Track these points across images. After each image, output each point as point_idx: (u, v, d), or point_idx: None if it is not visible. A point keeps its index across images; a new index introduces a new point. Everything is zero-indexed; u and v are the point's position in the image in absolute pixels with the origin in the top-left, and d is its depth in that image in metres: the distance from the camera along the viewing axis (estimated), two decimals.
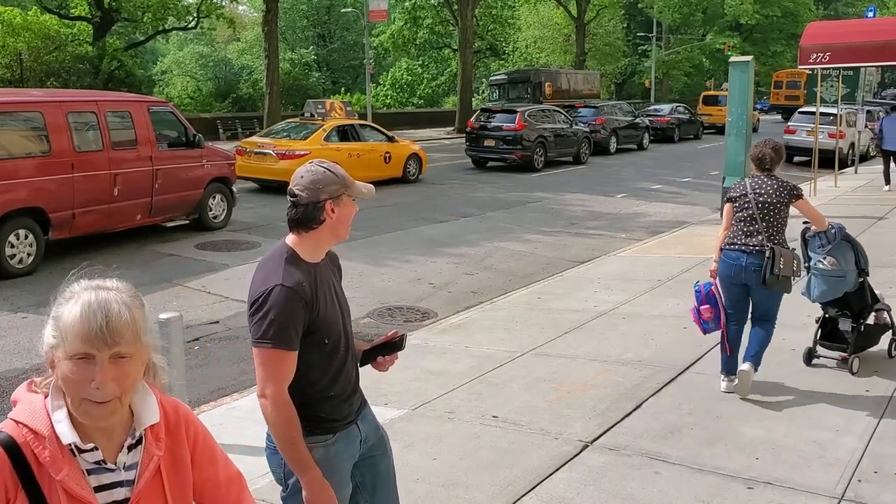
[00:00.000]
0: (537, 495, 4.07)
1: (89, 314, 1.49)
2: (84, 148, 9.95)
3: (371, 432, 2.66)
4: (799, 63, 15.03)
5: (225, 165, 12.52)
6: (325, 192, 2.42)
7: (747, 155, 13.12)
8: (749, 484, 4.10)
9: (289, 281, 2.34)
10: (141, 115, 10.93)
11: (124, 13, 29.47)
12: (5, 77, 25.88)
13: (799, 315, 7.19)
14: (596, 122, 25.78)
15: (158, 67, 58.02)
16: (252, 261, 10.13)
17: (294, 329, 2.33)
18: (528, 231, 12.61)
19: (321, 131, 16.31)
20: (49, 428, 1.50)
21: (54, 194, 9.52)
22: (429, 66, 56.32)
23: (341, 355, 2.51)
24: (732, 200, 5.50)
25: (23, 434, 1.49)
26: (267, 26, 26.44)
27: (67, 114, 9.79)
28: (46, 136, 9.51)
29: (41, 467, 1.48)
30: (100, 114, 10.24)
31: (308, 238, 2.46)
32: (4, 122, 9.31)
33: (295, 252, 2.45)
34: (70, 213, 9.73)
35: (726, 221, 5.51)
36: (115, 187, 10.27)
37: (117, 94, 13.97)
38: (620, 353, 6.28)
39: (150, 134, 10.96)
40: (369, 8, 35.15)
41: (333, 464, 2.47)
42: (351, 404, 2.57)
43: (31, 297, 8.15)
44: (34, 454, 1.48)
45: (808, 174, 16.81)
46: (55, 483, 1.48)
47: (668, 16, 55.65)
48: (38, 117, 9.54)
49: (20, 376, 6.08)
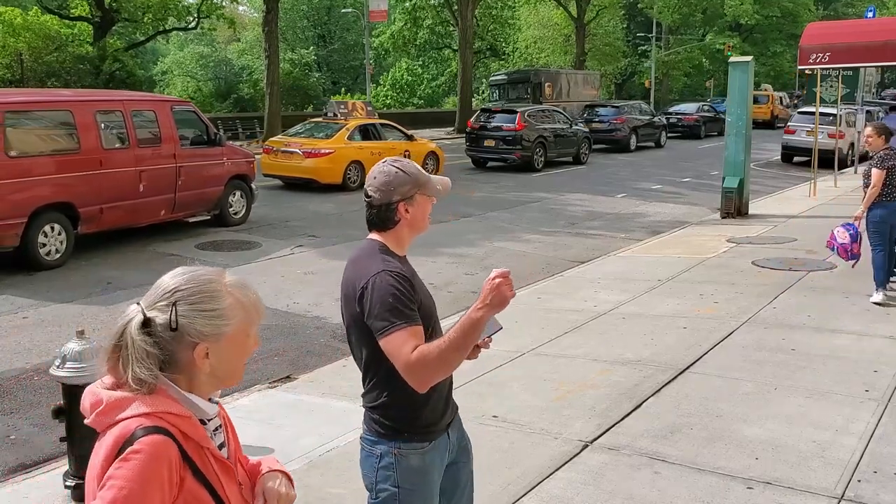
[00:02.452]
0: (537, 495, 4.08)
1: (256, 296, 1.69)
2: (111, 146, 10.38)
3: (457, 439, 2.56)
4: (799, 63, 15.03)
5: (244, 163, 12.85)
6: (397, 194, 2.38)
7: (747, 154, 13.27)
8: (749, 484, 4.11)
9: (389, 266, 2.31)
10: (165, 114, 11.34)
11: (125, 13, 29.46)
12: (6, 77, 25.87)
13: (799, 316, 7.21)
14: (617, 121, 26.94)
15: (159, 68, 58.05)
16: (252, 261, 10.15)
17: (409, 307, 2.25)
18: (528, 231, 12.62)
19: (345, 130, 16.92)
20: (185, 409, 1.58)
21: (83, 190, 9.88)
22: (429, 66, 56.37)
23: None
24: (891, 169, 7.40)
25: (166, 420, 1.54)
26: (267, 26, 26.46)
27: (96, 113, 10.22)
28: (76, 134, 9.92)
29: (188, 442, 1.56)
30: (126, 113, 10.66)
31: (388, 235, 2.43)
32: (37, 120, 9.82)
33: (385, 244, 2.42)
34: (98, 208, 10.08)
35: (878, 182, 7.36)
36: (141, 184, 10.65)
37: (142, 94, 14.46)
38: (620, 353, 6.29)
39: (174, 132, 11.35)
40: (369, 8, 35.20)
41: (427, 473, 2.39)
42: (448, 404, 2.49)
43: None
44: (183, 434, 1.55)
45: (807, 174, 16.82)
46: (205, 453, 1.59)
47: (667, 16, 55.64)
48: (68, 116, 9.97)
49: (20, 376, 6.09)
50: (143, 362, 1.54)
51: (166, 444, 1.50)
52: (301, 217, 13.50)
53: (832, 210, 13.15)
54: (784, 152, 23.11)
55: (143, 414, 1.53)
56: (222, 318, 1.60)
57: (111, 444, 1.51)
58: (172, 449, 1.51)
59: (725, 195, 13.21)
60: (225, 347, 1.61)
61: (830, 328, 6.80)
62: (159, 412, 1.54)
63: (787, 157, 22.95)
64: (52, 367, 4.08)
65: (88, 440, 4.73)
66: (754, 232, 11.70)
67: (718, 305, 7.62)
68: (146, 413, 1.53)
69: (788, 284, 8.31)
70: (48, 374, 4.34)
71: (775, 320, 7.06)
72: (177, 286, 1.60)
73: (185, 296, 1.59)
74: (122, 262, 9.92)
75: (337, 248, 10.75)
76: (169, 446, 1.50)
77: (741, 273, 8.98)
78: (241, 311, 1.63)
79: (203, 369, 1.60)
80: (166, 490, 1.49)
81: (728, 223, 12.69)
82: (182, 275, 1.63)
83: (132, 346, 1.55)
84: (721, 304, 7.67)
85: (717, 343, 6.45)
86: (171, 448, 1.51)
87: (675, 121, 33.48)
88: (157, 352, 1.56)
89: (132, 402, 1.54)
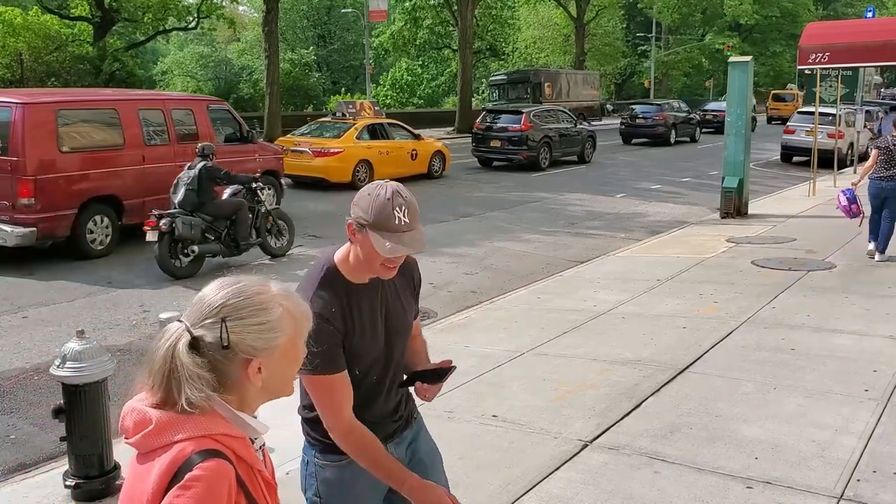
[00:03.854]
0: (537, 495, 4.08)
1: (306, 307, 1.64)
2: (153, 142, 11.11)
3: (406, 455, 2.43)
4: (798, 63, 15.05)
5: (274, 159, 13.76)
6: None
7: (747, 154, 13.27)
8: (748, 483, 4.11)
9: (316, 305, 2.14)
10: (201, 112, 12.11)
11: (125, 13, 29.43)
12: (6, 77, 25.85)
13: (799, 316, 7.21)
14: (658, 117, 29.27)
15: (159, 68, 58.06)
16: (252, 261, 10.15)
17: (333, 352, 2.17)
18: (528, 231, 12.62)
19: (353, 130, 17.25)
20: (238, 430, 1.51)
21: (127, 184, 10.58)
22: (429, 66, 56.34)
23: (372, 386, 2.31)
24: (880, 148, 9.18)
25: (220, 442, 1.46)
26: (267, 26, 26.44)
27: (139, 111, 10.96)
28: (121, 131, 10.66)
29: (241, 464, 1.48)
30: (166, 111, 11.43)
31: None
32: (87, 118, 10.50)
33: (336, 268, 2.23)
34: (141, 200, 10.57)
35: (872, 161, 9.27)
36: None
37: (181, 94, 16.67)
38: (620, 353, 6.29)
39: (210, 129, 12.08)
40: (369, 8, 35.19)
41: (348, 486, 2.31)
42: (384, 420, 2.36)
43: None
44: (237, 456, 1.48)
45: (807, 174, 16.83)
46: (255, 475, 1.52)
47: (667, 16, 55.70)
48: (113, 115, 10.69)
49: (20, 376, 6.09)
50: (195, 384, 1.45)
51: (226, 468, 1.43)
52: (301, 217, 13.49)
53: (832, 210, 13.14)
54: (783, 152, 23.11)
55: (199, 436, 1.44)
56: (274, 331, 1.51)
57: (165, 469, 1.41)
58: (231, 473, 1.43)
59: (725, 195, 13.21)
60: (277, 360, 1.53)
61: (830, 328, 6.81)
62: (215, 434, 1.45)
63: (787, 156, 22.96)
64: (52, 366, 4.08)
65: (88, 440, 4.71)
66: (754, 232, 11.70)
67: (718, 305, 7.62)
68: (202, 436, 1.44)
69: (788, 284, 8.31)
70: (48, 374, 4.35)
71: (775, 320, 7.07)
72: (224, 301, 1.50)
73: (233, 310, 1.49)
74: (122, 262, 9.92)
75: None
76: (228, 471, 1.43)
77: (741, 273, 8.98)
78: (292, 321, 1.55)
79: (255, 385, 1.52)
80: None
81: (728, 223, 12.70)
82: (227, 287, 1.53)
83: (182, 369, 1.45)
84: (721, 303, 7.67)
85: (717, 343, 6.45)
86: (230, 472, 1.43)
87: (710, 117, 34.59)
88: (208, 375, 1.47)
89: (185, 424, 1.45)
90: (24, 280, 8.97)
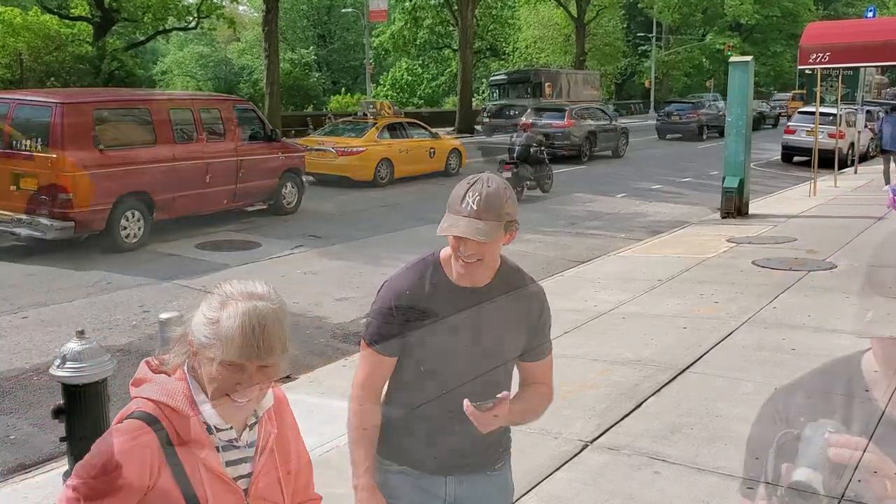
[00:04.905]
0: (537, 495, 4.07)
1: (248, 330, 1.54)
2: (182, 140, 11.46)
3: (461, 496, 2.28)
4: (799, 63, 15.04)
5: (296, 158, 14.09)
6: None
7: (747, 154, 13.25)
8: (749, 484, 4.10)
9: (395, 281, 2.20)
10: (228, 111, 12.48)
11: (124, 13, 29.43)
12: (5, 77, 25.83)
13: (799, 316, 7.21)
14: (692, 115, 32.15)
15: (159, 67, 58.04)
16: (252, 261, 10.12)
17: (385, 332, 2.15)
18: (528, 231, 12.59)
19: (374, 129, 17.81)
20: (190, 407, 1.59)
21: (158, 180, 10.85)
22: (429, 66, 56.27)
23: (435, 392, 2.19)
24: None
25: (163, 412, 1.57)
26: (267, 26, 26.41)
27: (169, 110, 11.33)
28: (153, 129, 11.00)
29: (182, 443, 1.56)
30: (194, 110, 11.78)
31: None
32: (120, 117, 10.95)
33: (438, 260, 2.20)
34: (171, 196, 11.00)
35: None
36: (207, 175, 11.65)
37: (209, 94, 17.42)
38: (620, 353, 6.28)
39: (236, 128, 12.47)
40: (369, 8, 35.19)
41: (389, 492, 2.26)
42: (436, 458, 2.24)
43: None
44: (176, 431, 1.56)
45: (807, 174, 16.82)
46: (197, 459, 1.58)
47: (667, 16, 55.68)
48: (145, 114, 11.10)
49: (20, 376, 6.09)
50: (177, 349, 1.65)
51: (142, 433, 1.54)
52: (301, 216, 13.50)
53: (832, 210, 13.17)
54: (784, 152, 23.10)
55: (147, 399, 1.59)
56: (206, 333, 1.60)
57: (117, 418, 1.61)
58: (148, 439, 1.54)
59: (725, 195, 13.20)
60: (202, 360, 1.61)
61: (830, 328, 6.79)
62: (160, 401, 1.58)
63: (787, 156, 22.95)
64: (52, 367, 4.07)
65: (88, 440, 4.70)
66: (754, 232, 11.69)
67: (718, 305, 7.61)
68: (149, 399, 1.59)
69: (788, 284, 8.30)
70: (48, 374, 4.34)
71: (775, 320, 7.06)
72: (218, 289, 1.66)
73: (207, 300, 1.64)
74: (122, 262, 9.92)
75: (337, 249, 10.75)
76: (144, 436, 1.54)
77: (741, 273, 8.97)
78: (215, 334, 1.57)
79: (202, 375, 1.62)
80: (134, 473, 1.53)
81: (728, 223, 12.68)
82: (228, 282, 1.66)
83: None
84: (721, 303, 7.66)
85: (717, 343, 6.44)
86: (147, 438, 1.54)
87: None
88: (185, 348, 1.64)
89: (150, 386, 1.61)
90: (24, 280, 8.97)
